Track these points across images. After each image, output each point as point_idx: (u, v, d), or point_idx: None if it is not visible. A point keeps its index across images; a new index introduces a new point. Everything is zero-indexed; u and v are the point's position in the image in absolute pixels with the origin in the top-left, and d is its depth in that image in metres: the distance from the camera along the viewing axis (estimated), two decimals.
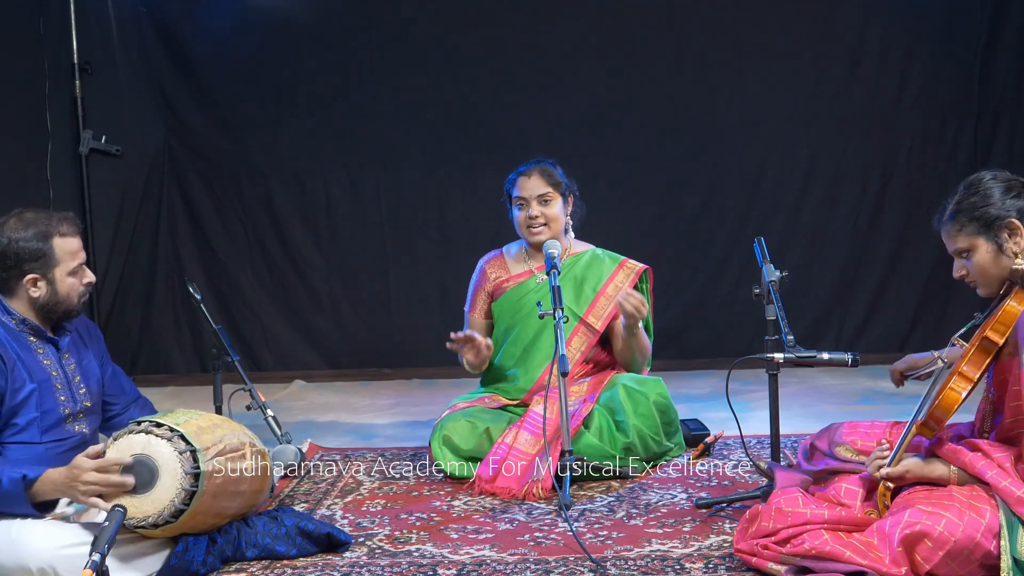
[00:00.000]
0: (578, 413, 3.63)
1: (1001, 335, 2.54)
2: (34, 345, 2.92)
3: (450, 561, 2.89)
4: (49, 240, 2.88)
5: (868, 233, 5.74)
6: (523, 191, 3.89)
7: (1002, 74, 5.61)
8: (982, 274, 2.62)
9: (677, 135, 5.73)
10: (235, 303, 5.92)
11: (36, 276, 2.88)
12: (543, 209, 3.88)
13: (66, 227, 2.92)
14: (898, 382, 3.08)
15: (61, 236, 2.90)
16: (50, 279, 2.89)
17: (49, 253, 2.88)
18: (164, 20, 5.75)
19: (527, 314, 3.89)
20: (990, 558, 2.45)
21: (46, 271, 2.88)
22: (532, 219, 3.87)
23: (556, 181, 3.91)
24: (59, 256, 2.90)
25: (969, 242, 2.62)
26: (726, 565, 2.76)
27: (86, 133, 5.67)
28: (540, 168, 3.92)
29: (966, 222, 2.61)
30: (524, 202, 3.89)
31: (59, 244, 2.90)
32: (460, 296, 4.17)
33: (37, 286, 2.89)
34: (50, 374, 2.92)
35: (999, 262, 2.59)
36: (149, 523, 2.67)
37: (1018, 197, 2.59)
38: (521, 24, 5.73)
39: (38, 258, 2.87)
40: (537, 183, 3.89)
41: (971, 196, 2.62)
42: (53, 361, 2.95)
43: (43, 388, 2.88)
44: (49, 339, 2.96)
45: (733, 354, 3.38)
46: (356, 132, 5.80)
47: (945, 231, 2.67)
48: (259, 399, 3.71)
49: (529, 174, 3.91)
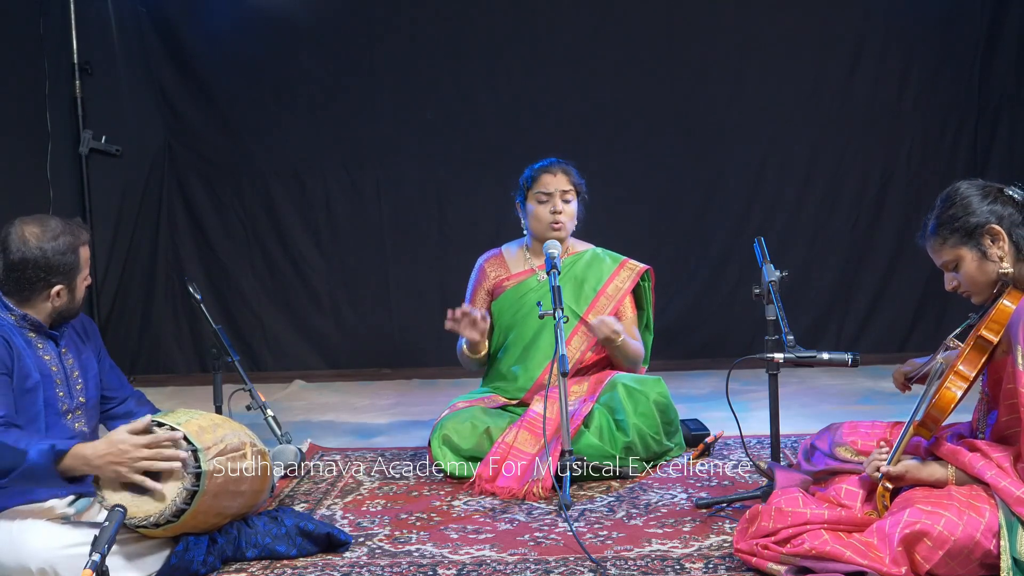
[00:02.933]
0: (578, 413, 3.63)
1: (996, 333, 2.55)
2: (34, 340, 2.92)
3: (450, 561, 2.89)
4: (77, 251, 2.89)
5: (868, 233, 5.74)
6: (549, 186, 3.90)
7: (1002, 74, 5.61)
8: (972, 283, 2.64)
9: (677, 135, 5.73)
10: (235, 303, 5.92)
11: (62, 287, 2.88)
12: (564, 207, 3.90)
13: (85, 235, 2.94)
14: (903, 387, 3.07)
15: (84, 245, 2.92)
16: (71, 288, 2.91)
17: (75, 263, 2.89)
18: (164, 20, 5.76)
19: (527, 313, 3.89)
20: (990, 557, 2.45)
21: (71, 281, 2.89)
22: (557, 214, 3.88)
23: (576, 181, 3.95)
24: (81, 265, 2.92)
25: (954, 254, 2.64)
26: (726, 565, 2.76)
27: (86, 133, 5.68)
28: (564, 167, 3.96)
29: (948, 234, 2.63)
30: (549, 197, 3.90)
31: (83, 254, 2.92)
32: (460, 296, 4.16)
33: (60, 296, 2.89)
34: (50, 369, 2.92)
35: (985, 269, 2.61)
36: (150, 523, 2.67)
37: (995, 202, 2.61)
38: (521, 24, 5.74)
39: (68, 271, 2.87)
40: (563, 180, 3.91)
41: (949, 208, 2.64)
42: (53, 357, 2.94)
43: (44, 383, 2.88)
44: (49, 335, 2.96)
45: (733, 354, 3.38)
46: (356, 132, 5.80)
47: (929, 246, 2.69)
48: (259, 399, 3.72)
49: (554, 171, 3.93)
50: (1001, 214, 2.59)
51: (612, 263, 3.98)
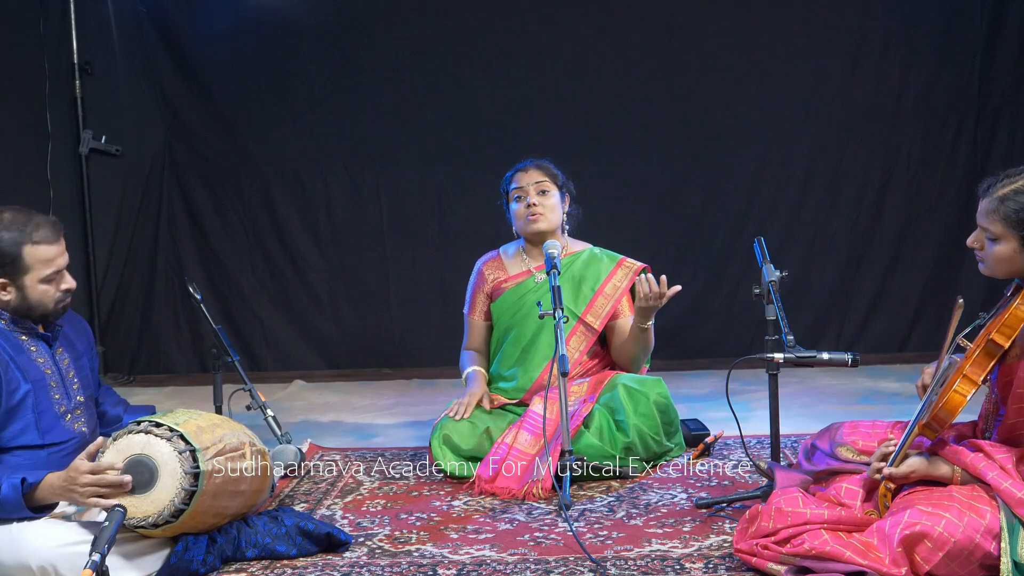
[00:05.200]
0: (578, 413, 3.63)
1: (1007, 338, 2.55)
2: (26, 344, 2.90)
3: (450, 561, 2.89)
4: (20, 247, 2.82)
5: (868, 233, 5.73)
6: (521, 181, 3.93)
7: (1002, 74, 5.61)
8: (996, 261, 2.64)
9: (677, 135, 5.73)
10: (235, 303, 5.92)
11: (4, 281, 2.84)
12: (540, 199, 3.90)
13: (42, 234, 2.85)
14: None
15: (34, 244, 2.83)
16: (19, 285, 2.84)
17: (18, 260, 2.82)
18: (164, 20, 5.75)
19: (526, 314, 3.90)
20: (990, 559, 2.45)
21: (15, 278, 2.84)
22: (530, 206, 3.88)
23: (553, 174, 3.96)
24: (29, 263, 2.83)
25: (1001, 230, 2.62)
26: (726, 565, 2.76)
27: (86, 133, 5.67)
28: (537, 163, 3.98)
29: (1010, 214, 2.60)
30: (521, 192, 3.91)
31: (30, 252, 2.83)
32: (460, 296, 4.17)
33: (7, 291, 2.85)
34: (44, 372, 2.90)
35: (1017, 260, 2.61)
36: (149, 523, 2.67)
37: None
38: (521, 24, 5.73)
39: (4, 264, 2.82)
40: (534, 174, 3.93)
41: (1022, 195, 2.61)
42: (47, 359, 2.93)
43: (38, 388, 2.86)
44: (41, 336, 2.94)
45: (733, 354, 3.38)
46: (356, 132, 5.80)
47: (984, 205, 2.66)
48: (259, 399, 3.72)
49: (526, 168, 3.97)
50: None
51: (609, 262, 3.98)
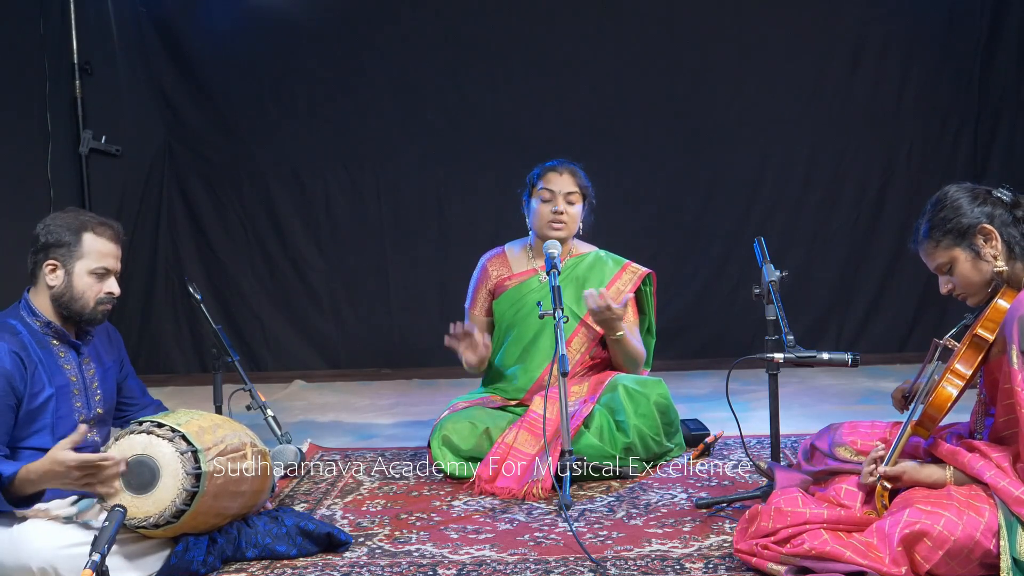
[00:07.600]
0: (578, 413, 3.63)
1: (991, 331, 2.58)
2: (56, 349, 2.94)
3: (450, 561, 2.89)
4: (80, 232, 2.92)
5: (868, 233, 5.74)
6: (552, 185, 3.90)
7: (1002, 74, 5.62)
8: (967, 284, 2.67)
9: (677, 135, 5.73)
10: (235, 303, 5.92)
11: (55, 263, 2.90)
12: (567, 208, 3.89)
13: (104, 229, 2.96)
14: (902, 407, 3.01)
15: (95, 234, 2.93)
16: (68, 270, 2.91)
17: (75, 244, 2.91)
18: (164, 20, 5.76)
19: (527, 313, 3.89)
20: (989, 557, 2.45)
21: (67, 261, 2.90)
22: (557, 214, 3.88)
23: (583, 184, 3.95)
24: (84, 250, 2.92)
25: (948, 255, 2.67)
26: (726, 565, 2.76)
27: (86, 133, 5.67)
28: (571, 169, 3.95)
29: (941, 236, 2.67)
30: (552, 196, 3.89)
31: (88, 239, 2.92)
32: (460, 296, 4.17)
33: (55, 274, 2.91)
34: (69, 379, 2.93)
35: (980, 268, 2.64)
36: (150, 523, 2.67)
37: (984, 203, 2.66)
38: (521, 24, 5.74)
39: (62, 245, 2.90)
40: (568, 181, 3.91)
41: (940, 211, 2.68)
42: (74, 366, 2.96)
43: (60, 394, 2.90)
44: (72, 343, 2.97)
45: (733, 354, 3.37)
46: (356, 131, 5.80)
47: (923, 250, 2.73)
48: (259, 399, 3.71)
49: (560, 171, 3.93)
50: (992, 214, 2.64)
51: (615, 266, 3.98)
